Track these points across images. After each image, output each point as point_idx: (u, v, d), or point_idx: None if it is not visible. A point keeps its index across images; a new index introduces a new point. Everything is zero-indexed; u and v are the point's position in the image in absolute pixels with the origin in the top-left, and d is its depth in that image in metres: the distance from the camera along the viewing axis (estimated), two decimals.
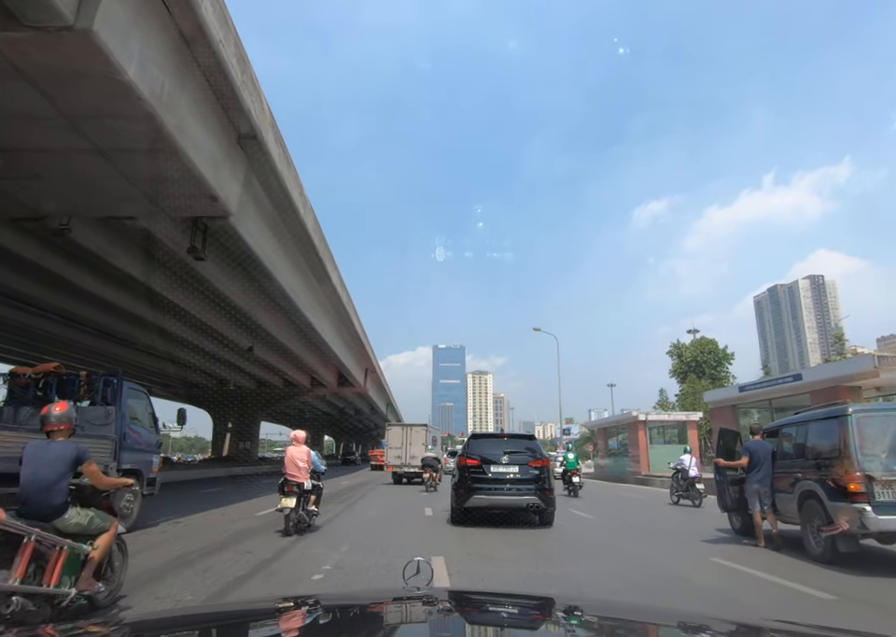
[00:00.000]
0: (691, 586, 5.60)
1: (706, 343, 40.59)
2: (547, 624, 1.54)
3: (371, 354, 35.71)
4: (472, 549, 7.34)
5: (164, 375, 34.47)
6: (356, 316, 27.08)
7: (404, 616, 1.53)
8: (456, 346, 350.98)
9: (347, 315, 24.71)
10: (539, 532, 9.13)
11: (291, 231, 14.96)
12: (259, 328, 20.79)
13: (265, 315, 19.42)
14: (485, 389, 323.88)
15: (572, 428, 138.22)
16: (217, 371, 33.62)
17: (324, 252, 18.02)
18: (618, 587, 5.44)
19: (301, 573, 5.82)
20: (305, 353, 26.64)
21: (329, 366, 33.06)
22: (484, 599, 1.87)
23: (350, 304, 25.69)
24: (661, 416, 24.44)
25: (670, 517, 12.38)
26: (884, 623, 4.37)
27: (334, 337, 25.54)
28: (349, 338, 28.89)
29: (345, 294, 23.67)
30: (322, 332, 22.38)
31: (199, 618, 1.59)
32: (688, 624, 1.48)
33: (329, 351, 25.93)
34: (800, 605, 4.84)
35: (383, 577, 5.40)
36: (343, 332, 27.22)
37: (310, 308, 19.78)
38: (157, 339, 21.33)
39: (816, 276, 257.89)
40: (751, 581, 5.76)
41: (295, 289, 17.57)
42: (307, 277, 18.57)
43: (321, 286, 19.81)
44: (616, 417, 25.30)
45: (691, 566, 6.62)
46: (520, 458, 9.72)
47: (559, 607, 1.69)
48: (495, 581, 5.53)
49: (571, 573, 6.09)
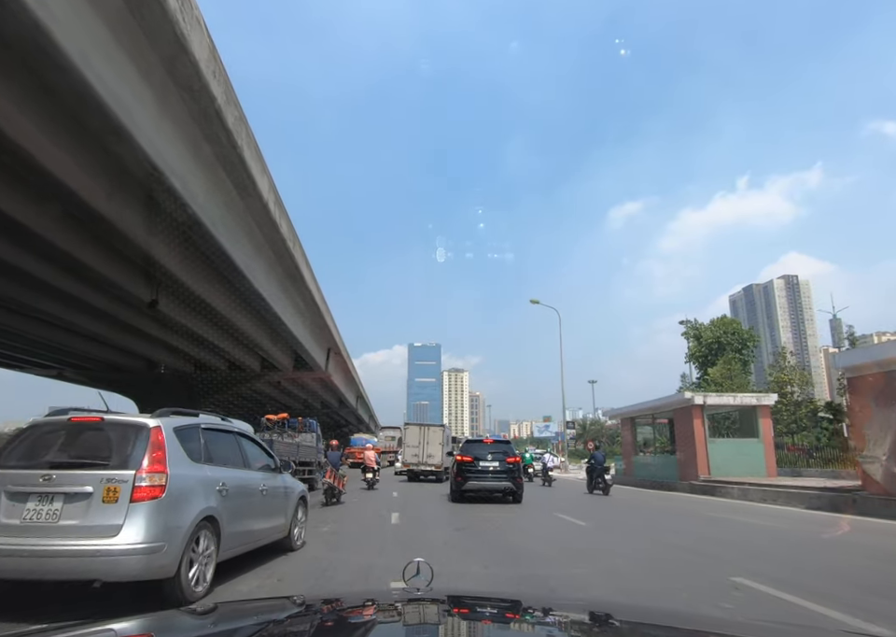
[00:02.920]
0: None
1: (728, 322, 35.22)
2: (548, 630, 1.53)
3: (333, 330, 29.10)
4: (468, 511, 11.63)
5: (74, 354, 27.54)
6: (308, 270, 20.56)
7: (401, 619, 1.54)
8: (432, 345, 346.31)
9: (296, 266, 18.22)
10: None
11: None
12: (160, 268, 14.21)
13: (161, 244, 12.94)
14: (461, 387, 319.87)
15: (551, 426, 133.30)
16: (140, 349, 26.75)
17: (247, 144, 11.60)
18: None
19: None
20: (241, 318, 20.04)
21: (281, 344, 26.44)
22: (482, 602, 1.81)
23: (302, 255, 19.21)
24: (723, 398, 18.42)
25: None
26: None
27: (279, 296, 19.04)
28: (303, 305, 22.34)
29: (291, 235, 17.21)
30: (254, 278, 15.88)
31: (197, 618, 1.61)
32: (688, 628, 1.48)
33: (274, 316, 19.37)
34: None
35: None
36: (292, 295, 20.71)
37: (229, 234, 13.31)
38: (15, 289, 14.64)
39: (790, 275, 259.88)
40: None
41: (198, 195, 11.13)
42: (221, 183, 12.11)
43: (245, 202, 13.33)
44: (656, 400, 19.30)
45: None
46: (499, 456, 14.24)
47: (561, 613, 1.67)
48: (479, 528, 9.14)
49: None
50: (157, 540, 4.19)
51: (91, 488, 4.19)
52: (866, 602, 4.71)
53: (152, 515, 4.23)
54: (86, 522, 4.13)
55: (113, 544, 4.07)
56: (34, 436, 4.78)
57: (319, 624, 1.47)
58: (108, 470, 4.32)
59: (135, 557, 4.11)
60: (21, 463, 4.45)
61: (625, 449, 23.25)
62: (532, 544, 7.80)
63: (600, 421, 69.35)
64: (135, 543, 4.10)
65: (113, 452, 4.49)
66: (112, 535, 4.09)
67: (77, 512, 4.15)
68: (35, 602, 4.49)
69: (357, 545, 7.62)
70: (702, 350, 33.92)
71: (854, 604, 4.60)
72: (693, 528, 9.92)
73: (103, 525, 4.13)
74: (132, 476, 4.25)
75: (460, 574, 5.48)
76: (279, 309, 19.14)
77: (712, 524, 10.38)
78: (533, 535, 8.79)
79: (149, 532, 4.17)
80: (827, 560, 6.86)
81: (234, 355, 27.78)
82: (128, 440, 4.51)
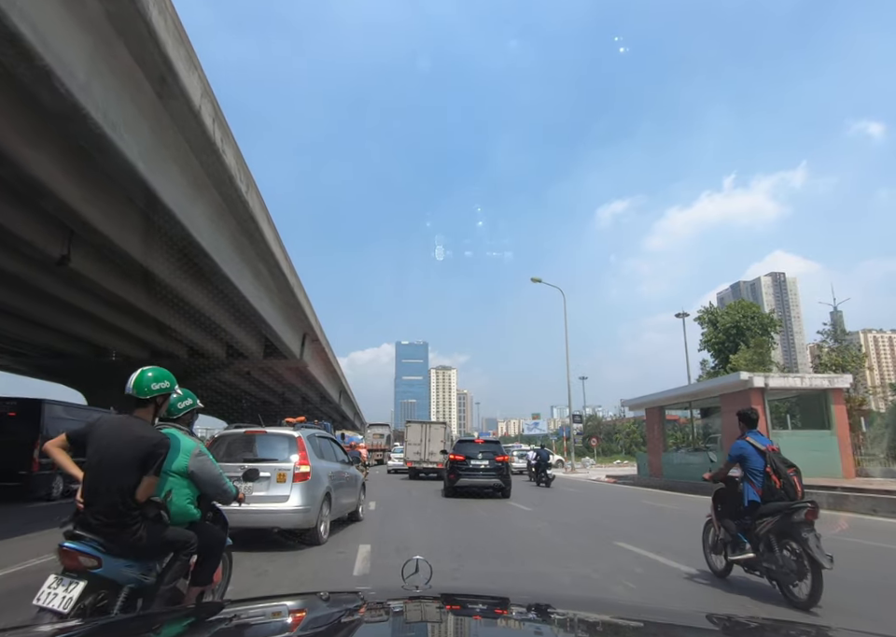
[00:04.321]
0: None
1: (747, 305, 32.18)
2: (548, 628, 1.53)
3: (308, 311, 25.40)
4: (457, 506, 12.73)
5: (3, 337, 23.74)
6: (271, 229, 16.99)
7: (400, 617, 1.56)
8: (419, 343, 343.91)
9: (252, 217, 14.64)
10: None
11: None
12: (63, 207, 10.58)
13: (53, 165, 9.35)
14: (449, 385, 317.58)
15: (539, 423, 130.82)
16: (80, 330, 22.97)
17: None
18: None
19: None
20: (188, 286, 16.43)
21: (247, 326, 22.77)
22: (481, 601, 1.79)
23: (262, 207, 15.65)
24: (789, 380, 14.73)
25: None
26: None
27: (231, 256, 15.47)
28: (268, 274, 18.75)
29: (245, 177, 13.65)
30: (191, 224, 12.31)
31: (197, 616, 1.67)
32: (692, 626, 1.48)
33: (225, 281, 15.75)
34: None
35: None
36: (251, 259, 17.14)
37: (144, 151, 9.70)
38: None
39: (777, 273, 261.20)
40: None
41: (82, 76, 7.57)
42: (127, 70, 8.55)
43: (166, 106, 9.72)
44: (695, 385, 15.97)
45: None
46: (489, 455, 15.14)
47: (559, 611, 1.64)
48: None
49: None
50: (307, 505, 7.05)
51: (269, 473, 6.94)
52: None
53: (304, 490, 7.08)
54: (268, 494, 6.93)
55: (284, 507, 6.91)
56: (225, 442, 7.53)
57: (319, 624, 1.51)
58: (278, 463, 7.17)
59: (296, 514, 6.96)
60: (224, 458, 6.66)
61: (652, 445, 19.58)
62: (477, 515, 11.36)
63: (598, 417, 66.52)
64: (296, 506, 6.96)
65: (278, 452, 7.35)
66: (283, 501, 6.92)
67: (263, 488, 6.87)
68: (246, 539, 6.37)
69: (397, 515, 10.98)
70: (719, 336, 30.87)
71: None
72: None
73: (277, 495, 6.95)
74: (292, 466, 7.09)
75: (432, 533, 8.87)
76: (232, 273, 15.51)
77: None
78: (482, 515, 11.52)
79: (303, 500, 7.01)
80: None
81: (194, 339, 24.13)
82: (285, 444, 7.37)
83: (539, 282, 27.67)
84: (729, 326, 30.36)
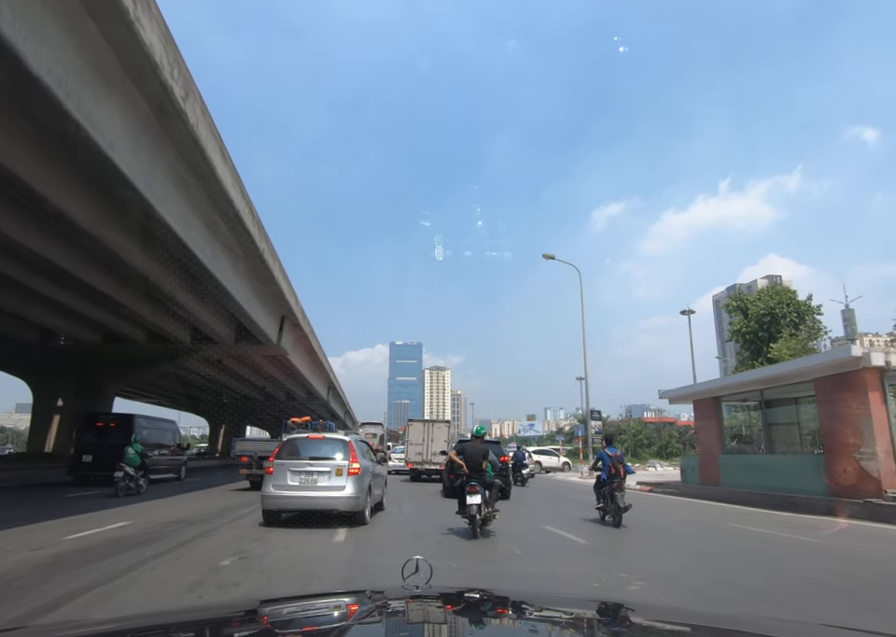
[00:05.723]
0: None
1: (781, 291, 28.86)
2: (548, 627, 1.50)
3: (285, 288, 21.72)
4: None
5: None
6: (231, 174, 13.45)
7: (400, 616, 1.56)
8: (413, 343, 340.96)
9: (199, 146, 11.13)
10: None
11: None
12: None
13: None
14: (443, 385, 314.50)
15: (535, 425, 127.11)
16: (15, 306, 19.32)
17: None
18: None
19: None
20: (127, 246, 12.89)
21: (211, 302, 19.15)
22: (482, 600, 1.76)
23: (217, 141, 12.15)
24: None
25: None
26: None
27: (177, 202, 11.96)
28: (228, 232, 15.24)
29: (193, 96, 10.16)
30: (112, 149, 8.80)
31: (188, 619, 1.61)
32: (699, 625, 1.47)
33: (164, 228, 12.20)
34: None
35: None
36: (206, 210, 13.65)
37: None
38: None
39: (773, 275, 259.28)
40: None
41: None
42: None
43: None
44: (775, 368, 12.43)
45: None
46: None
47: (560, 611, 1.64)
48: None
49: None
50: (358, 493, 9.15)
51: (329, 469, 9.18)
52: None
53: (356, 482, 9.17)
54: (329, 484, 9.10)
55: (341, 494, 9.02)
56: (291, 444, 9.71)
57: (320, 624, 1.51)
58: (336, 461, 9.30)
59: (351, 500, 9.06)
60: (292, 457, 9.33)
61: (705, 446, 16.07)
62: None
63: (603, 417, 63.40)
64: (351, 494, 9.05)
65: (335, 452, 9.45)
66: (341, 490, 9.04)
67: (324, 479, 9.10)
68: (309, 521, 9.09)
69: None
70: (750, 325, 27.59)
71: None
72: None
73: (336, 485, 9.06)
74: (347, 463, 9.23)
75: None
76: (171, 216, 11.96)
77: None
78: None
79: (355, 489, 9.12)
80: None
81: (151, 318, 20.43)
82: (340, 447, 9.53)
83: (552, 259, 24.37)
84: (763, 313, 27.16)
